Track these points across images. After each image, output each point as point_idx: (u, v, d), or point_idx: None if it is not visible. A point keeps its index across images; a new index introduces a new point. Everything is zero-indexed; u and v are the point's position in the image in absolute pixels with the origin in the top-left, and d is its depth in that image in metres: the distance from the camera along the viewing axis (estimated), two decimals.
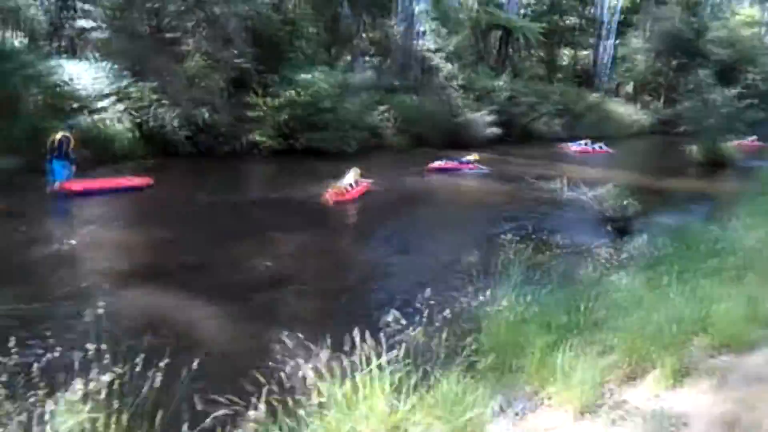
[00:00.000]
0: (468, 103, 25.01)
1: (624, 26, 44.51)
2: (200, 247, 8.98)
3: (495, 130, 25.03)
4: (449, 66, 24.84)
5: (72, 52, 19.13)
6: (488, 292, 4.63)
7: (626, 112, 36.85)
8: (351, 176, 13.22)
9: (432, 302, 4.13)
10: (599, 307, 4.95)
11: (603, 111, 34.79)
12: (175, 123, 17.07)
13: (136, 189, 12.66)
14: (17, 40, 19.43)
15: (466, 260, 5.22)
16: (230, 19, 18.21)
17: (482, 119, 24.51)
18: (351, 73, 22.10)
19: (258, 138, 18.29)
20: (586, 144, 26.21)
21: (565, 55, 50.82)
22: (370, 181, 13.90)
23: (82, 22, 18.89)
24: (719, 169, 20.51)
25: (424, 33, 25.78)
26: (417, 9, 25.91)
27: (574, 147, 25.92)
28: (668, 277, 5.26)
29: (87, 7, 19.01)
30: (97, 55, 18.28)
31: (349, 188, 12.91)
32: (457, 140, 24.36)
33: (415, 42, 26.22)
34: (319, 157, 18.32)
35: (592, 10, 45.35)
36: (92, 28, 18.52)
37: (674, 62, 38.60)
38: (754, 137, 29.71)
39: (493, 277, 5.24)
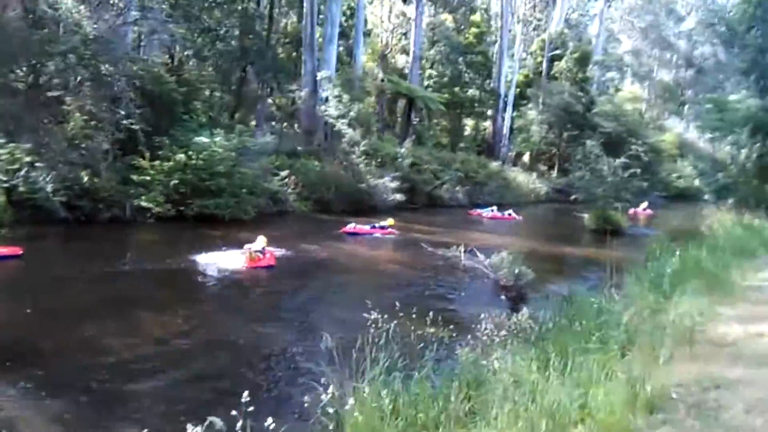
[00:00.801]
0: (371, 169, 24.94)
1: (521, 99, 47.18)
2: (57, 326, 7.91)
3: (398, 197, 25.04)
4: (351, 132, 24.83)
5: None
6: (346, 383, 4.03)
7: (524, 180, 38.30)
8: (259, 243, 12.74)
9: (286, 395, 3.49)
10: (474, 395, 4.47)
11: (503, 179, 35.97)
12: (49, 188, 15.67)
13: (4, 259, 11.28)
14: None
15: (341, 338, 4.65)
16: (117, 78, 17.28)
17: (385, 185, 24.46)
18: (249, 137, 21.44)
19: (145, 204, 17.13)
20: (492, 210, 27.08)
21: (467, 125, 53.07)
22: (276, 251, 13.40)
23: None
24: (610, 236, 21.31)
25: (326, 99, 25.75)
26: (320, 75, 25.96)
27: (485, 213, 26.73)
28: (549, 356, 4.88)
29: None
30: None
31: (260, 255, 12.54)
32: (361, 206, 24.17)
33: (317, 107, 26.12)
34: (212, 224, 17.41)
35: (491, 84, 47.92)
36: None
37: (565, 134, 40.88)
38: (646, 205, 31.57)
39: (360, 362, 4.64)
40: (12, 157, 15.90)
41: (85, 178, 16.53)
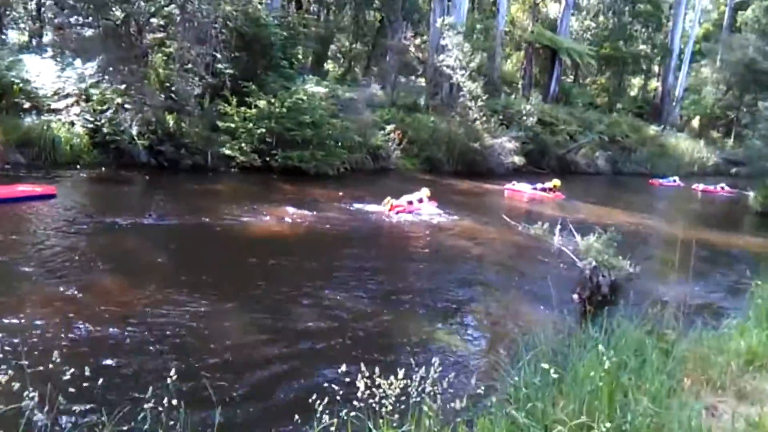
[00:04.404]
0: (489, 127, 22.16)
1: (699, 56, 40.48)
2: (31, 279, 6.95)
3: (517, 160, 22.09)
4: (470, 84, 22.13)
5: (44, 49, 17.90)
6: None
7: (688, 148, 32.84)
8: (421, 193, 13.58)
9: None
10: None
11: (659, 146, 31.03)
12: (134, 131, 15.33)
13: (38, 198, 10.85)
14: None
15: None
16: (213, 20, 16.39)
17: (502, 146, 21.61)
18: (352, 87, 19.85)
19: (228, 152, 16.27)
20: (675, 180, 26.02)
21: (634, 85, 46.93)
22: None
23: (58, 20, 17.61)
24: None
25: (445, 48, 23.17)
26: (439, 22, 23.41)
27: (696, 186, 25.06)
28: None
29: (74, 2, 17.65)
30: (66, 52, 16.88)
31: (410, 203, 13.15)
32: (475, 168, 21.72)
33: (437, 57, 23.70)
34: (296, 177, 16.19)
35: (662, 38, 41.58)
36: (65, 25, 17.14)
37: (747, 96, 34.22)
38: None
39: None
40: (102, 97, 15.81)
41: (171, 123, 15.98)
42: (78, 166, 14.46)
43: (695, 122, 39.93)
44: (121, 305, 6.54)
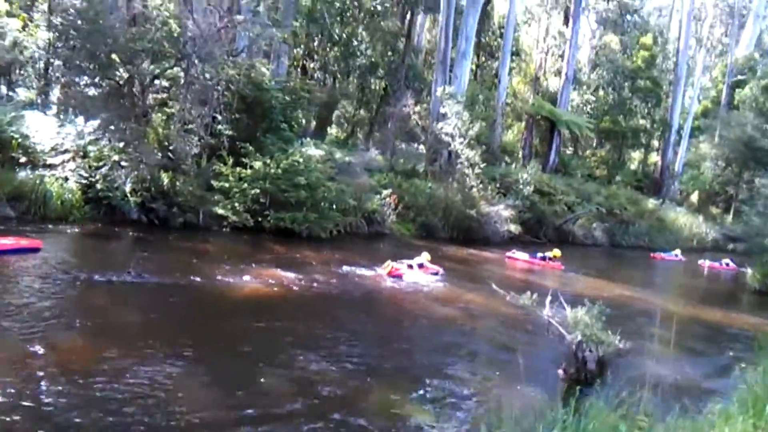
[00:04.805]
0: (486, 195, 22.25)
1: (698, 131, 41.01)
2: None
3: (513, 228, 22.02)
4: (469, 152, 22.37)
5: (48, 106, 18.26)
6: None
7: (687, 223, 32.79)
8: (421, 258, 13.76)
9: None
10: None
11: (657, 219, 31.00)
12: (127, 188, 15.37)
13: (22, 252, 10.78)
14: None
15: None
16: (211, 81, 16.74)
17: (499, 214, 21.58)
18: (350, 149, 20.07)
19: (221, 212, 16.24)
20: (677, 255, 25.99)
21: (634, 158, 47.37)
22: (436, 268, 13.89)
23: (64, 79, 18.00)
24: None
25: (444, 116, 23.60)
26: (439, 91, 23.93)
27: (702, 262, 25.29)
28: None
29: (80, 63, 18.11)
30: (69, 109, 17.19)
31: (410, 267, 13.27)
32: (471, 235, 21.64)
33: (435, 125, 24.10)
34: (287, 239, 16.10)
35: (662, 113, 42.30)
36: (70, 83, 17.51)
37: (746, 173, 34.44)
38: None
39: None
40: (100, 154, 15.94)
41: (166, 181, 16.04)
42: (68, 222, 14.40)
43: (694, 197, 40.04)
44: (85, 366, 6.31)
